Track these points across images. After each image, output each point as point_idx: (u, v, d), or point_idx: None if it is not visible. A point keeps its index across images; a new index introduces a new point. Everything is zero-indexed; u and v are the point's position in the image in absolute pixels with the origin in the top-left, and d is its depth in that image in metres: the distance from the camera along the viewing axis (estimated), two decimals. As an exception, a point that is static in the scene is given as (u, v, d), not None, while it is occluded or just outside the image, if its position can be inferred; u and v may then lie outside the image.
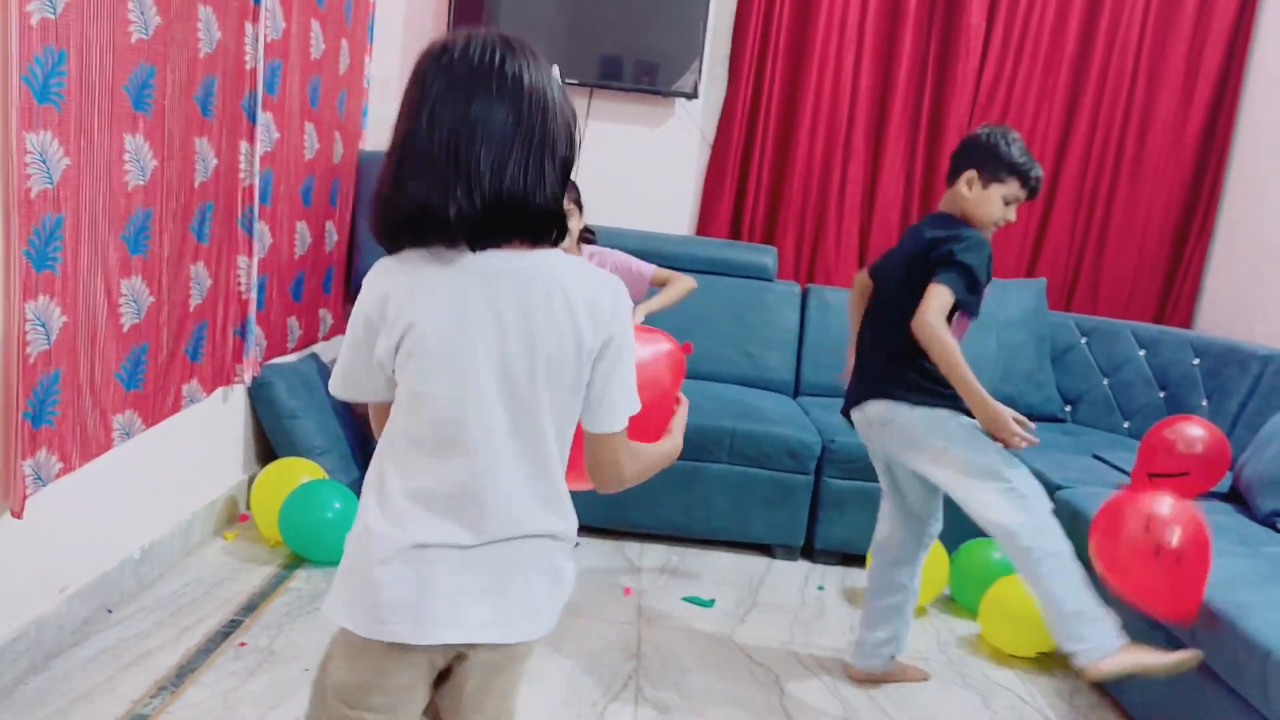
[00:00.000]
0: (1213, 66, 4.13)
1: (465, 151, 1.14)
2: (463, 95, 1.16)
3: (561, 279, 1.20)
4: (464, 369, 1.18)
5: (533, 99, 1.18)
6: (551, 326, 1.18)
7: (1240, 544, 2.52)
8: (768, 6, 4.04)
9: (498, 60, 1.18)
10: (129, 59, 2.20)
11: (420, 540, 1.21)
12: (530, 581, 1.24)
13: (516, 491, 1.22)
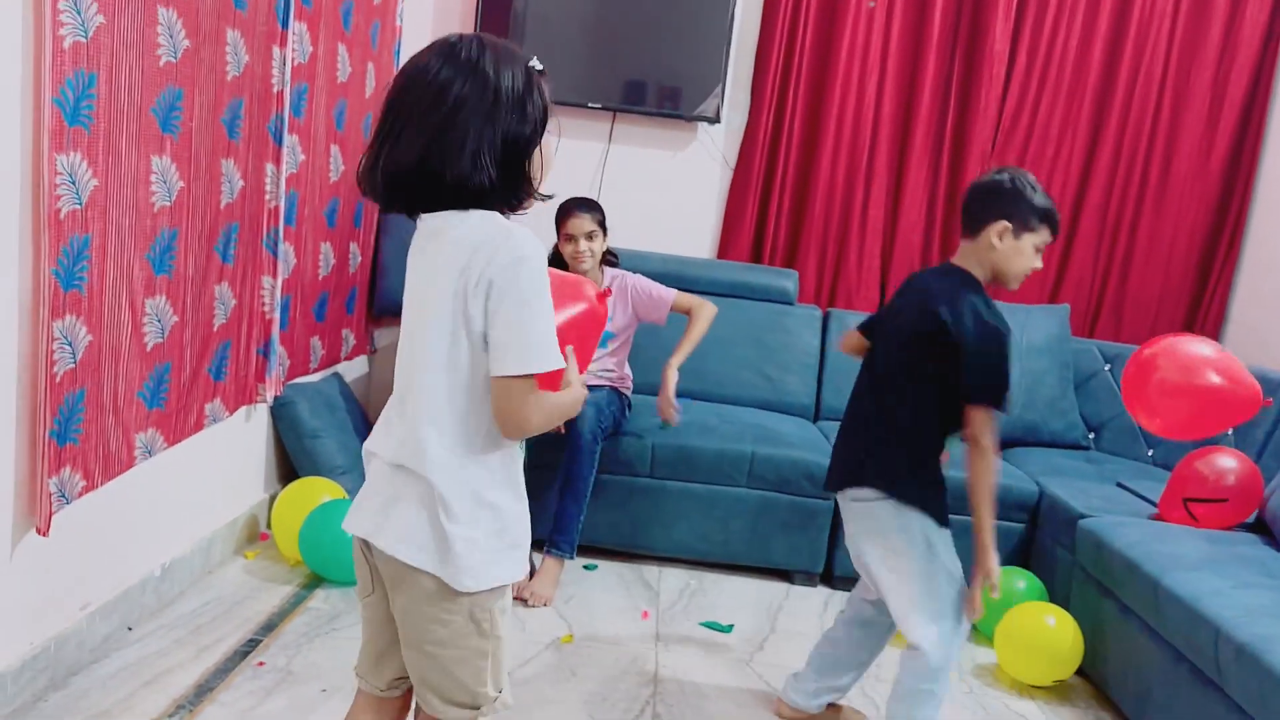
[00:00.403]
0: (1238, 94, 4.12)
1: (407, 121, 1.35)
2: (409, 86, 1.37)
3: (469, 228, 1.36)
4: (409, 306, 1.45)
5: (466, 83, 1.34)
6: (451, 267, 1.35)
7: (1266, 576, 2.49)
8: (790, 32, 4.05)
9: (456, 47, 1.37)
10: (157, 81, 2.23)
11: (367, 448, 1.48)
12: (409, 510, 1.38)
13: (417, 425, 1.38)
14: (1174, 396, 2.75)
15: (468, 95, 1.33)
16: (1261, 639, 2.11)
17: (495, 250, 1.33)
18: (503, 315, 1.33)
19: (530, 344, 1.34)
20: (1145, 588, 2.53)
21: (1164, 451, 3.73)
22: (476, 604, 1.39)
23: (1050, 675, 2.73)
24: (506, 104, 1.35)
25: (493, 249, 1.33)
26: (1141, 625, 2.57)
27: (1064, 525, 3.05)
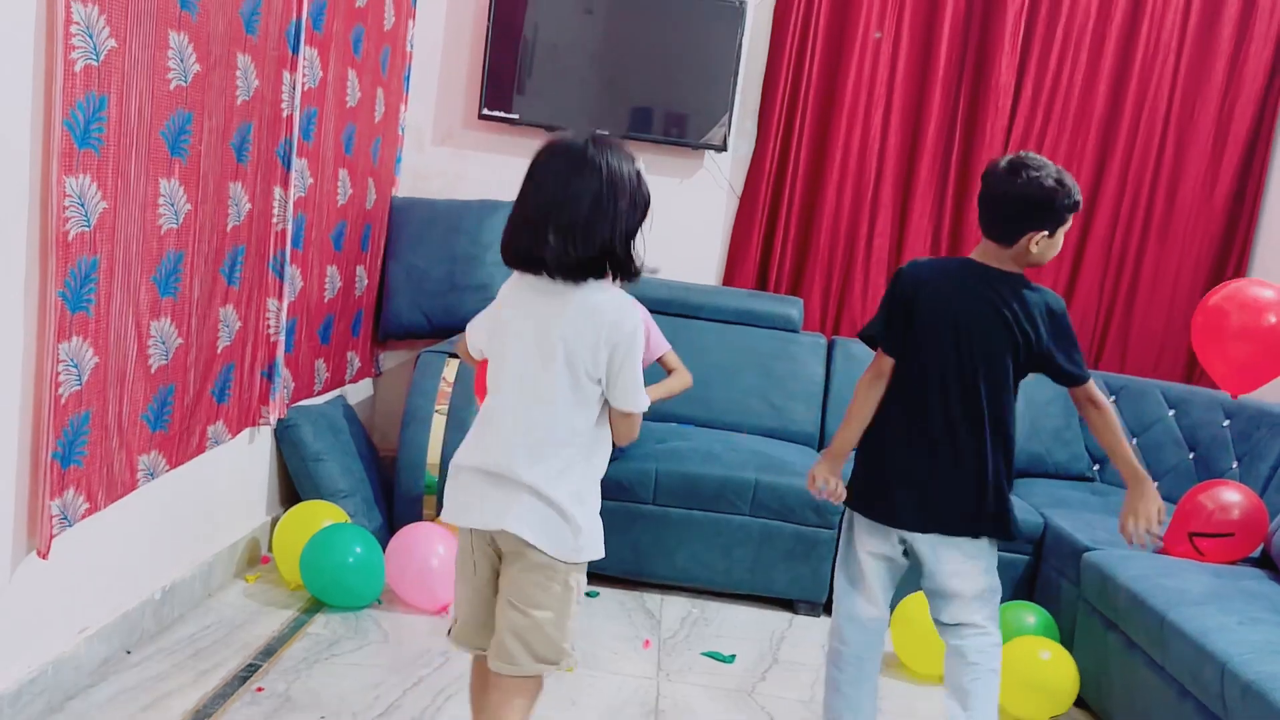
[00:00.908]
0: (1242, 128, 4.13)
1: (543, 221, 1.67)
2: (549, 182, 1.69)
3: (597, 302, 1.71)
4: (519, 347, 1.75)
5: (601, 180, 1.68)
6: (574, 328, 1.70)
7: (1272, 611, 2.47)
8: (797, 61, 4.08)
9: (579, 152, 1.69)
10: (167, 105, 2.25)
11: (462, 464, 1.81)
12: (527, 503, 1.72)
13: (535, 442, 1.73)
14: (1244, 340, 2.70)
15: (604, 193, 1.67)
16: (1268, 677, 2.09)
17: (621, 319, 1.72)
18: (626, 369, 1.73)
19: (636, 395, 1.76)
20: (1151, 622, 2.51)
21: (1168, 484, 3.71)
22: (570, 574, 1.75)
23: (1046, 711, 2.71)
24: (630, 200, 1.70)
25: (619, 318, 1.72)
26: (1147, 660, 2.55)
27: (1069, 558, 3.03)
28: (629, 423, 1.79)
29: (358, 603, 2.91)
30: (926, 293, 2.19)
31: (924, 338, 2.17)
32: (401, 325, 3.95)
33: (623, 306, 1.73)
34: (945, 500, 2.18)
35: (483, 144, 4.15)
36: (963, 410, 2.16)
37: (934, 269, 2.29)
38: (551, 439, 1.73)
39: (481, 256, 3.91)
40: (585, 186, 1.67)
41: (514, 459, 1.72)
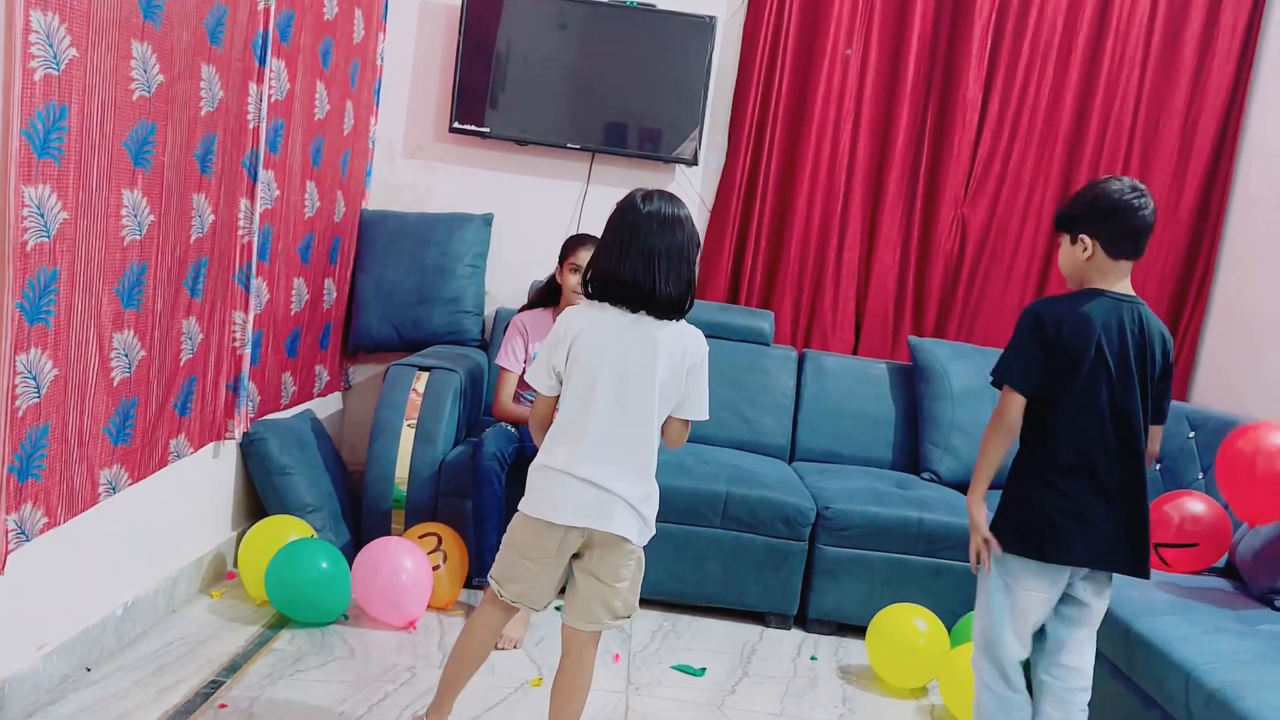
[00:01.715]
0: (1206, 142, 4.18)
1: (654, 261, 2.01)
2: (655, 229, 2.03)
3: (677, 335, 2.07)
4: (609, 372, 2.05)
5: (685, 233, 2.05)
6: (668, 362, 2.05)
7: (1236, 621, 2.49)
8: (767, 77, 4.10)
9: (670, 211, 2.05)
10: (130, 115, 2.23)
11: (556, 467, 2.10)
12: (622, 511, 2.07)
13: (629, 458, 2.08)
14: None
15: (688, 244, 2.05)
16: (1232, 685, 2.10)
17: (698, 347, 2.10)
18: (695, 387, 2.11)
19: (702, 405, 2.14)
20: (1116, 632, 2.52)
21: (1136, 496, 3.74)
22: (640, 553, 2.14)
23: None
24: (694, 247, 2.07)
25: (696, 346, 2.10)
26: (1113, 670, 2.56)
27: (1037, 569, 3.04)
28: (680, 429, 2.16)
29: (324, 618, 2.88)
30: (1070, 327, 2.13)
31: (1076, 372, 2.12)
32: (371, 338, 3.93)
33: (698, 337, 2.12)
34: (1121, 536, 2.16)
35: (453, 157, 4.14)
36: (1122, 443, 2.14)
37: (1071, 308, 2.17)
38: (648, 456, 2.09)
39: (452, 269, 3.90)
40: (678, 239, 2.03)
41: (619, 476, 2.05)
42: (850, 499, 3.38)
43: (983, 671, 2.24)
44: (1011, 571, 2.17)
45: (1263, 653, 2.28)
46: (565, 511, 2.06)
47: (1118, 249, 2.14)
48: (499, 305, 4.10)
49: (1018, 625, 2.18)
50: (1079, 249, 2.16)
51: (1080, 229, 2.15)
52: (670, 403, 2.09)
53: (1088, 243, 2.14)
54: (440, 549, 3.09)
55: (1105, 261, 2.14)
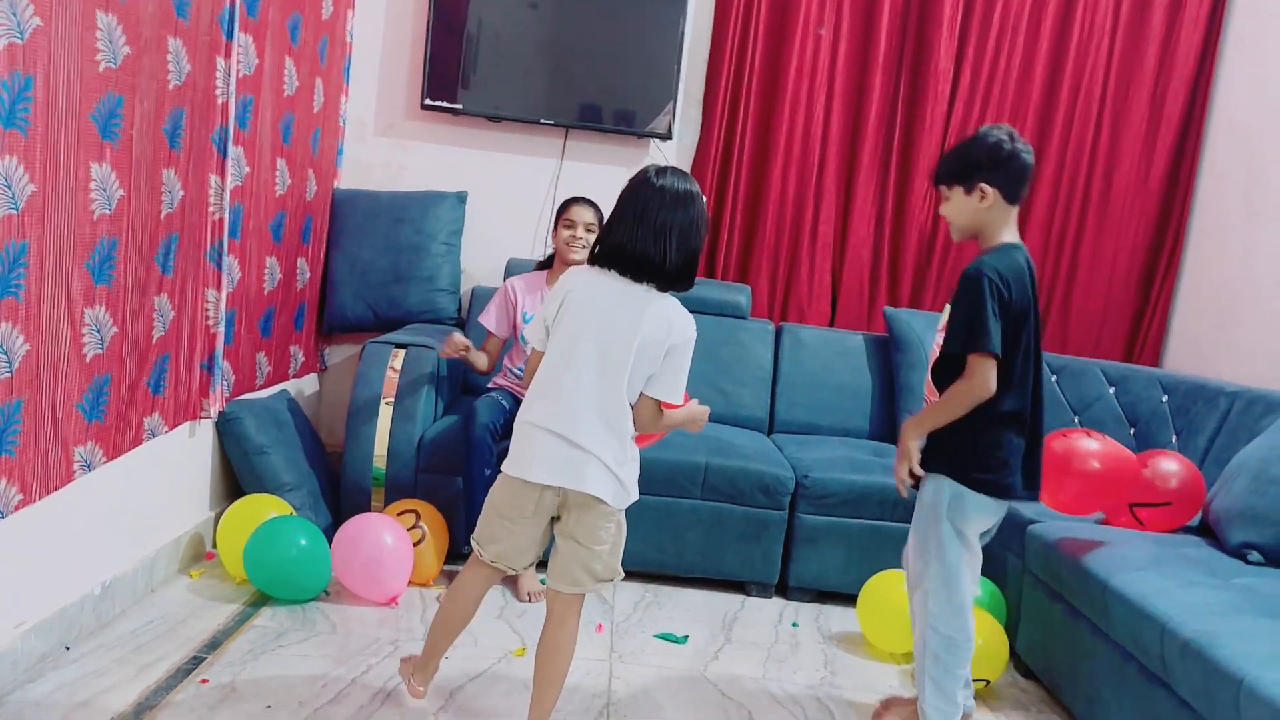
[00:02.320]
0: (1175, 113, 4.21)
1: (665, 234, 2.05)
2: (667, 203, 2.06)
3: (664, 310, 2.08)
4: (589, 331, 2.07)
5: (695, 209, 2.08)
6: (650, 332, 2.05)
7: (1210, 575, 2.52)
8: (740, 50, 4.10)
9: (682, 186, 2.08)
10: (96, 87, 2.20)
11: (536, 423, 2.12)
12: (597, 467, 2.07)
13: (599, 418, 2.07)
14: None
15: (698, 219, 2.08)
16: (1206, 635, 2.13)
17: (684, 329, 2.09)
18: (671, 368, 2.09)
19: (676, 388, 2.11)
20: (1093, 589, 2.55)
21: (1111, 460, 3.78)
22: (620, 516, 2.15)
23: (992, 670, 2.73)
24: (702, 223, 2.10)
25: (682, 327, 2.09)
26: (1090, 627, 2.60)
27: (1013, 532, 3.07)
28: (651, 409, 2.11)
29: (304, 596, 2.87)
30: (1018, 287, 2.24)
31: (1023, 325, 2.25)
32: (346, 318, 3.91)
33: (687, 318, 2.12)
34: (1038, 469, 2.36)
35: (426, 135, 4.12)
36: (1036, 383, 2.32)
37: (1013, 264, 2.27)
38: (620, 420, 2.07)
39: (426, 247, 3.88)
40: (690, 214, 2.07)
41: (593, 435, 2.06)
42: (828, 468, 3.40)
43: (938, 619, 2.34)
44: (965, 516, 2.30)
45: (1236, 604, 2.31)
46: (539, 469, 2.08)
47: (1015, 194, 2.27)
48: (475, 283, 4.09)
49: (972, 565, 2.34)
50: (976, 198, 2.26)
51: (979, 178, 2.24)
52: (643, 375, 2.07)
53: (987, 191, 2.24)
54: (419, 524, 3.08)
55: (1004, 209, 2.27)
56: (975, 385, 2.21)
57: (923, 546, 2.36)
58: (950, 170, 2.31)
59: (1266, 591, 2.42)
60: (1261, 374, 3.63)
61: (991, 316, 2.19)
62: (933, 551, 2.33)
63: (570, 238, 3.30)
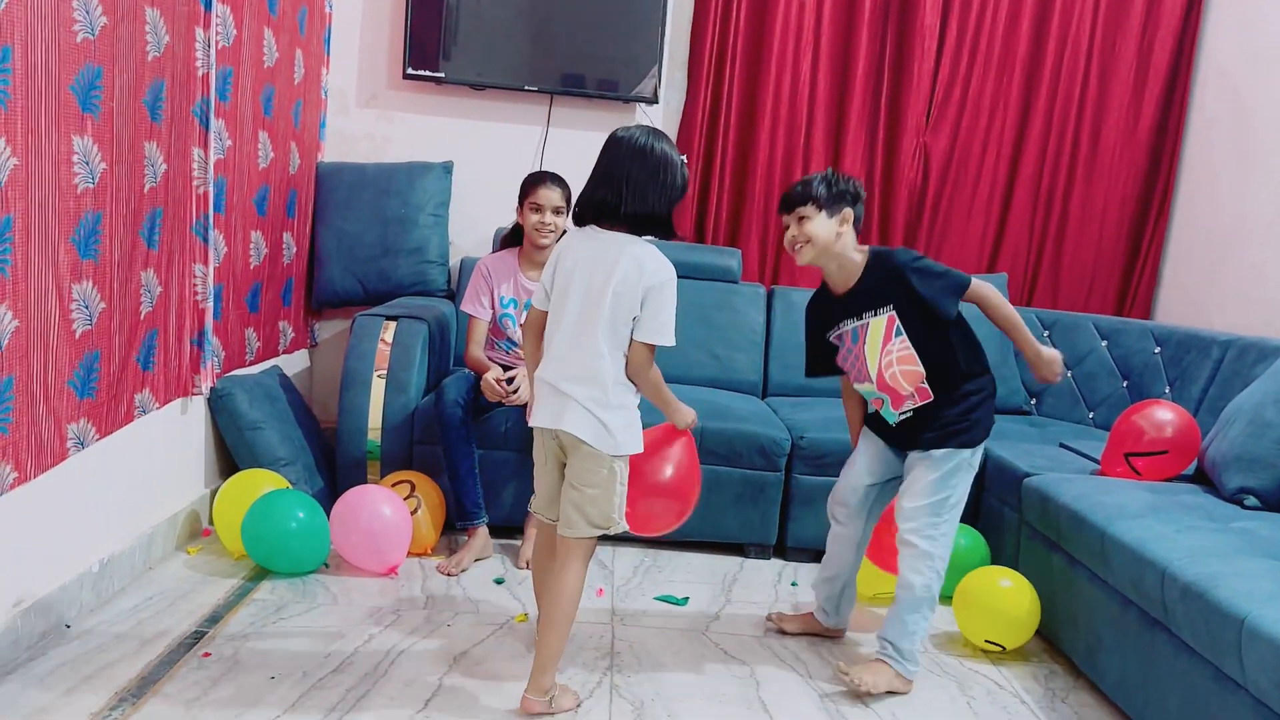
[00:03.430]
0: (1163, 62, 4.20)
1: (622, 182, 2.15)
2: (623, 155, 2.17)
3: (636, 252, 2.16)
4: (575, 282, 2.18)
5: (655, 159, 2.16)
6: (623, 274, 2.13)
7: (1208, 519, 2.53)
8: (724, 11, 4.06)
9: (642, 141, 2.18)
10: (75, 59, 2.17)
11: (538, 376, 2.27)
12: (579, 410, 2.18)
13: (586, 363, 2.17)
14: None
15: (660, 170, 2.16)
16: (1205, 577, 2.14)
17: (659, 269, 2.16)
18: (650, 310, 2.16)
19: (660, 329, 2.18)
20: (1092, 538, 2.56)
21: (1104, 413, 3.79)
22: (613, 463, 2.20)
23: (1013, 639, 2.74)
24: (673, 179, 2.18)
25: (657, 267, 2.16)
26: (1089, 575, 2.61)
27: (1010, 485, 3.08)
28: (640, 353, 2.20)
29: (303, 568, 2.87)
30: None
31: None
32: (335, 293, 3.88)
33: (660, 259, 2.18)
34: None
35: (409, 105, 4.08)
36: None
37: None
38: (598, 366, 2.16)
39: (414, 219, 3.85)
40: (648, 163, 2.15)
41: (574, 381, 2.17)
42: (824, 428, 3.40)
43: (940, 560, 2.51)
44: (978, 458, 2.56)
45: (1235, 546, 2.31)
46: (538, 415, 2.25)
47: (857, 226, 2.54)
48: (464, 254, 4.07)
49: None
50: (837, 221, 2.48)
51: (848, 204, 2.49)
52: (625, 320, 2.16)
53: (850, 217, 2.49)
54: (414, 494, 3.08)
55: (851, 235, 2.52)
56: (997, 293, 2.52)
57: (947, 496, 2.49)
58: (822, 196, 2.48)
59: (1264, 534, 2.43)
60: (1253, 321, 3.64)
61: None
62: (954, 500, 2.51)
63: (538, 224, 3.15)
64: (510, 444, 3.21)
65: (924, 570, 2.47)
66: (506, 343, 3.30)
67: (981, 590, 2.74)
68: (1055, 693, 2.57)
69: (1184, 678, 2.18)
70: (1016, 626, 2.71)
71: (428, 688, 2.29)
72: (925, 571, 2.48)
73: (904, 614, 2.49)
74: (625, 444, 2.21)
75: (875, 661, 2.52)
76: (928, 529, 2.48)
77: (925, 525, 2.48)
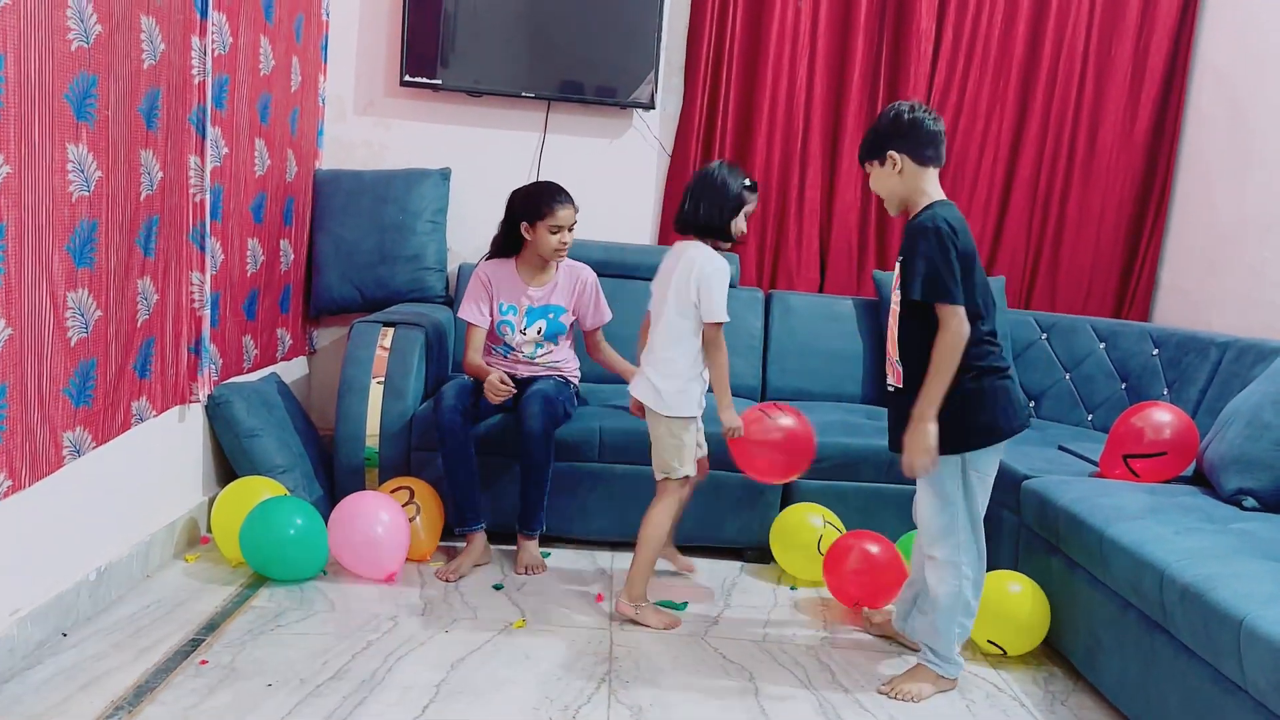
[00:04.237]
0: (1158, 63, 4.20)
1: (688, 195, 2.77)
2: (694, 179, 2.80)
3: (691, 254, 2.71)
4: (658, 287, 2.81)
5: (711, 181, 2.74)
6: (681, 272, 2.70)
7: (1207, 521, 2.53)
8: (720, 16, 4.07)
9: (710, 168, 2.78)
10: (69, 67, 2.17)
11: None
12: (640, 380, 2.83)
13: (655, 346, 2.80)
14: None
15: (716, 186, 2.72)
16: (1204, 578, 2.13)
17: (704, 264, 2.69)
18: (703, 296, 2.67)
19: (711, 309, 2.68)
20: (1090, 540, 2.55)
21: (1102, 415, 3.79)
22: (670, 424, 2.75)
23: (1019, 645, 2.73)
24: (727, 195, 2.72)
25: (703, 263, 2.69)
26: (1088, 578, 2.60)
27: (1009, 488, 3.07)
28: (708, 332, 2.72)
29: (301, 575, 2.87)
30: (964, 233, 2.34)
31: (976, 265, 2.37)
32: (333, 300, 3.88)
33: (709, 255, 2.71)
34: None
35: (406, 112, 4.09)
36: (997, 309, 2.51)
37: (955, 213, 2.37)
38: (660, 341, 2.76)
39: (412, 225, 3.85)
40: (705, 182, 2.73)
41: (648, 360, 2.80)
42: (822, 431, 3.37)
43: (966, 566, 2.46)
44: (986, 462, 2.43)
45: (1234, 548, 2.31)
46: (631, 387, 2.90)
47: (922, 156, 2.37)
48: (462, 260, 4.07)
49: (977, 515, 2.46)
50: (889, 167, 2.38)
51: (887, 147, 2.37)
52: (685, 309, 2.70)
53: (896, 157, 2.36)
54: (413, 501, 3.07)
55: (917, 171, 2.37)
56: (953, 334, 2.29)
57: (947, 502, 2.43)
58: (865, 148, 2.45)
59: (1264, 535, 2.43)
60: (1251, 323, 3.64)
61: (949, 263, 2.28)
62: (959, 504, 2.43)
63: (559, 244, 3.18)
64: (508, 450, 3.20)
65: (947, 579, 2.46)
66: (504, 348, 3.30)
67: (990, 593, 2.71)
68: (1055, 695, 2.57)
69: (1183, 679, 2.17)
70: (1023, 633, 2.71)
71: (426, 694, 2.28)
72: (949, 580, 2.46)
73: (935, 619, 2.49)
74: (675, 407, 2.73)
75: (916, 669, 2.54)
76: (940, 538, 2.46)
77: (936, 535, 2.47)
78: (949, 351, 2.28)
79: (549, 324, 3.28)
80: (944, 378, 2.29)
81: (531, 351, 3.29)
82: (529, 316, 3.26)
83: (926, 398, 2.30)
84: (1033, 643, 2.73)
